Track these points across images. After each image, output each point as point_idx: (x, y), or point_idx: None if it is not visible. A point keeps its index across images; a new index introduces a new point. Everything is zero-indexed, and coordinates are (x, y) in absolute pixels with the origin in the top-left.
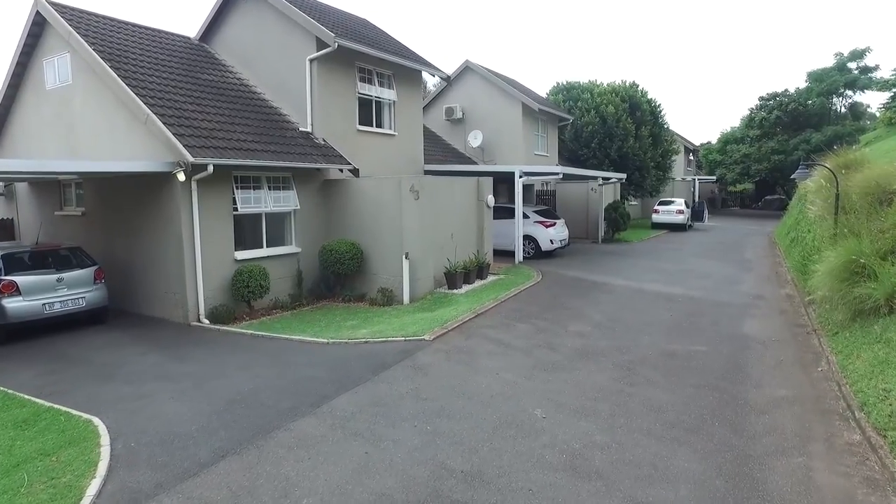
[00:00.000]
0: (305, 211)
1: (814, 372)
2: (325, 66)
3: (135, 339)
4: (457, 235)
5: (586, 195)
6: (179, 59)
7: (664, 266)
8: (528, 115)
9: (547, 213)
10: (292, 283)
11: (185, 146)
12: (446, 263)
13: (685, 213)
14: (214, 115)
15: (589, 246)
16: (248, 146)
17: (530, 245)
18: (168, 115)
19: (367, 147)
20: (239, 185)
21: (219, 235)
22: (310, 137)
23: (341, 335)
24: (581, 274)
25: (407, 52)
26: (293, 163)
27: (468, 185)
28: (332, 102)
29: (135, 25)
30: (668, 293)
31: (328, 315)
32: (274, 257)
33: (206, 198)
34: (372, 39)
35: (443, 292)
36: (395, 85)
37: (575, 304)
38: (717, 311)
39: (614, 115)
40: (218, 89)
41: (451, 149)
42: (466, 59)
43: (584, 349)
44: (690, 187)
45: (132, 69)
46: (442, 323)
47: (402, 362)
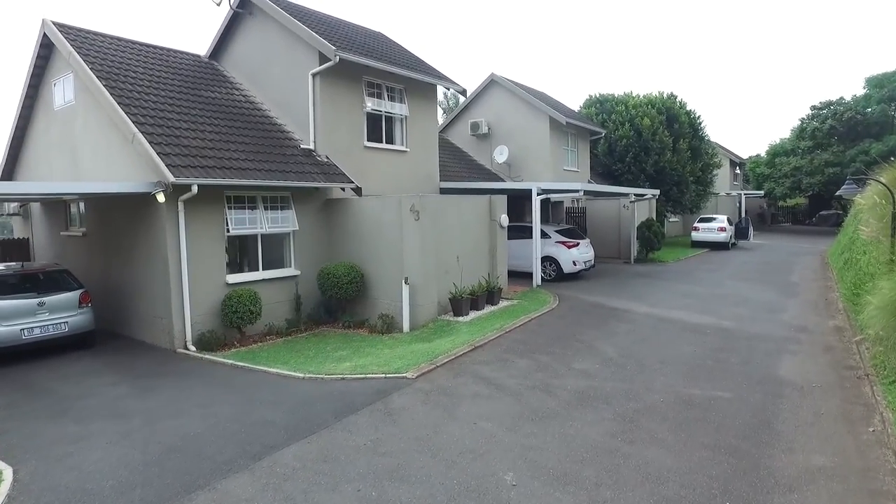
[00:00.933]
0: (305, 232)
1: (863, 433)
2: (328, 80)
3: (111, 368)
4: (464, 258)
5: (618, 212)
6: (183, 77)
7: (697, 290)
8: (555, 129)
9: (570, 232)
10: (290, 308)
11: (169, 166)
12: (452, 288)
13: (727, 230)
14: (210, 133)
15: (619, 267)
16: (240, 165)
17: (551, 267)
18: (157, 134)
19: (376, 164)
20: (233, 206)
21: (209, 258)
22: (312, 155)
23: (322, 369)
24: (602, 299)
25: (420, 66)
26: (288, 182)
27: (479, 203)
28: (337, 118)
29: (141, 44)
30: (696, 323)
31: (321, 343)
32: (270, 281)
33: (195, 219)
34: (381, 53)
35: (446, 320)
36: (406, 99)
37: (587, 336)
38: (749, 347)
39: (650, 127)
40: (219, 107)
41: (476, 165)
42: (492, 73)
43: (585, 393)
44: (736, 202)
45: (128, 88)
46: (432, 357)
47: (373, 405)
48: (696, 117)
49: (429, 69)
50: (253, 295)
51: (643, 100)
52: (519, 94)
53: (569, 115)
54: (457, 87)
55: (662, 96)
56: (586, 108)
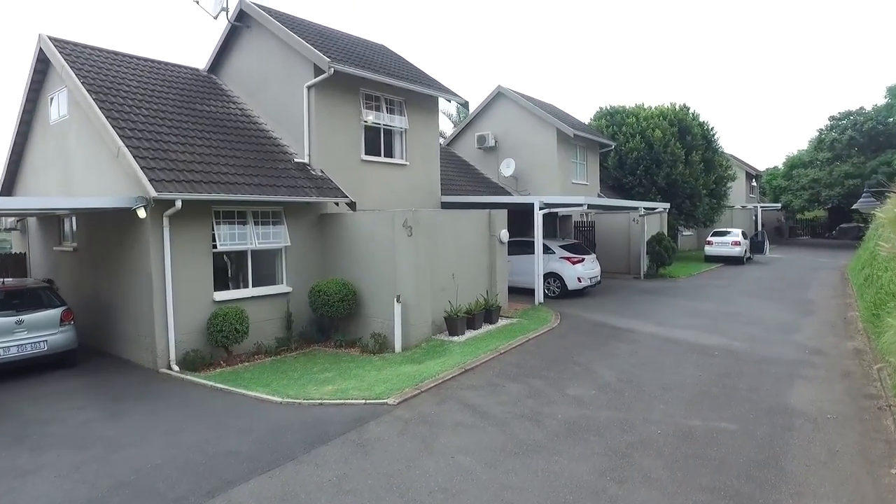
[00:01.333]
0: (298, 247)
1: (884, 475)
2: (323, 92)
3: (87, 390)
4: (461, 275)
5: (627, 226)
6: (179, 90)
7: (707, 308)
8: (563, 141)
9: (575, 247)
10: (281, 326)
11: (152, 180)
12: (447, 307)
13: (742, 244)
14: (200, 147)
15: (628, 283)
16: (229, 179)
17: (555, 283)
18: (143, 148)
19: (374, 178)
20: (221, 221)
21: (195, 274)
22: (306, 169)
23: (303, 392)
24: (606, 317)
25: (420, 78)
26: (278, 196)
27: (477, 218)
28: (333, 131)
29: (138, 59)
30: (703, 344)
31: (309, 364)
32: (260, 298)
33: (181, 234)
34: (380, 65)
35: (440, 340)
36: (406, 112)
37: (586, 358)
38: (759, 371)
39: (661, 139)
40: (214, 121)
41: (482, 178)
42: (498, 85)
43: (577, 423)
44: (752, 216)
45: (119, 102)
46: (419, 381)
47: (346, 434)
48: (709, 129)
49: (429, 81)
50: (240, 313)
51: (654, 111)
52: (526, 106)
53: (577, 126)
54: (458, 99)
55: (674, 108)
56: (596, 121)
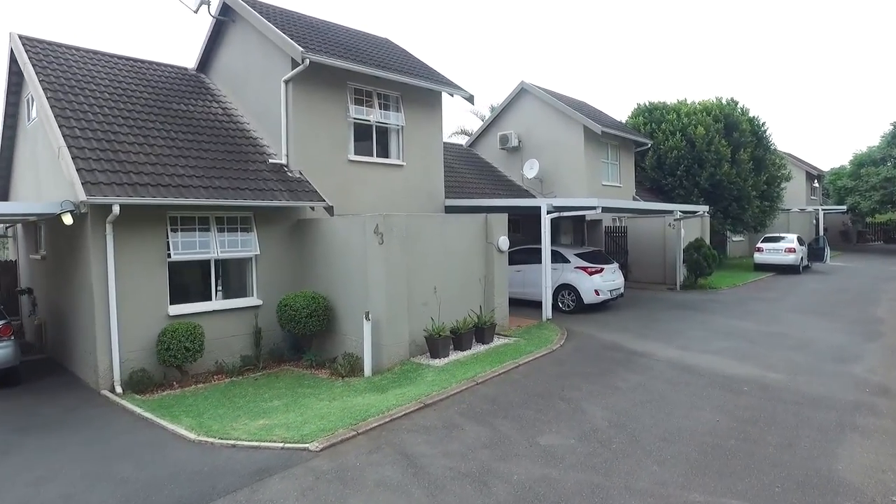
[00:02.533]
0: (271, 257)
1: None
2: (303, 87)
3: (6, 413)
4: (448, 288)
5: (663, 232)
6: (157, 89)
7: (745, 327)
8: (591, 140)
9: (593, 255)
10: (249, 343)
11: (86, 182)
12: (430, 324)
13: (798, 251)
14: (162, 147)
15: (661, 295)
16: (185, 182)
17: (570, 296)
18: (90, 149)
19: (365, 180)
20: (179, 227)
21: (145, 286)
22: (282, 170)
23: (229, 427)
24: (621, 337)
25: (419, 70)
26: (239, 200)
27: (471, 224)
28: (314, 129)
29: (120, 58)
30: (731, 375)
31: (265, 388)
32: (224, 312)
33: (128, 242)
34: (373, 57)
35: (417, 363)
36: (403, 108)
37: (579, 392)
38: (798, 417)
39: (704, 137)
40: (188, 120)
41: (505, 181)
42: (522, 81)
43: (533, 490)
44: (812, 219)
45: (79, 100)
46: (362, 418)
47: (234, 494)
48: (759, 124)
49: (429, 74)
50: (192, 330)
51: (698, 107)
52: (550, 102)
53: (606, 123)
54: (462, 93)
55: (720, 102)
56: (633, 118)
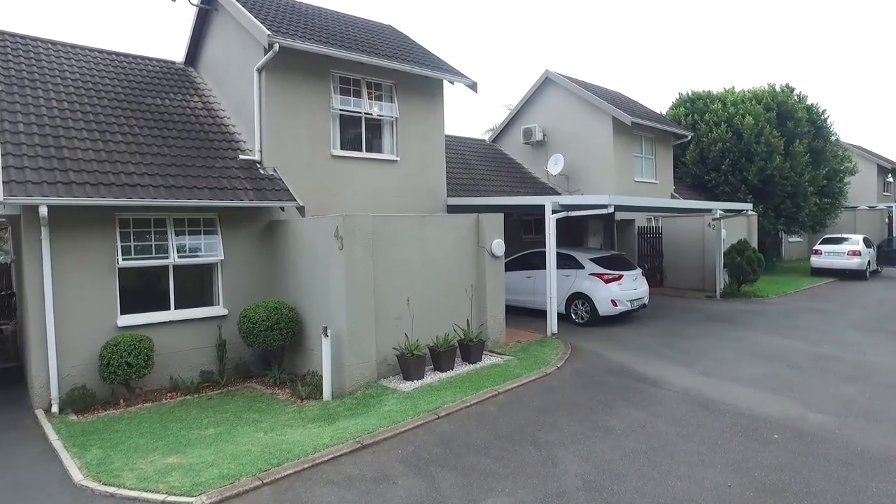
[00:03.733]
0: (238, 262)
1: None
2: (278, 76)
3: None
4: (429, 299)
5: (701, 232)
6: (132, 84)
7: (790, 346)
8: (621, 132)
9: (611, 260)
10: (212, 357)
11: (10, 181)
12: (404, 342)
13: (864, 254)
14: (118, 143)
15: (697, 304)
16: (134, 181)
17: (584, 306)
18: (28, 145)
19: (351, 177)
20: (132, 230)
21: (91, 295)
22: (254, 167)
23: (132, 466)
24: (633, 358)
25: (415, 56)
26: (193, 200)
27: (458, 226)
28: (292, 122)
29: (100, 52)
30: (761, 415)
31: (211, 411)
32: (183, 322)
33: (69, 246)
34: (361, 43)
35: (384, 386)
36: (397, 97)
37: (558, 434)
38: (846, 486)
39: (753, 127)
40: (157, 115)
41: (528, 178)
42: (546, 70)
43: None
44: (884, 218)
45: (33, 95)
46: (277, 463)
47: None
48: (818, 113)
49: (426, 59)
50: (137, 343)
51: (747, 94)
52: (576, 92)
53: (638, 114)
54: (464, 80)
55: (773, 89)
56: (673, 109)
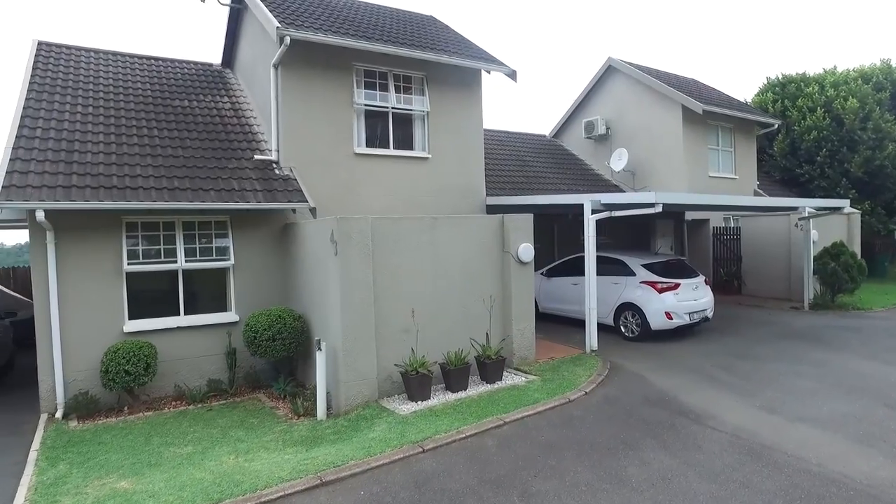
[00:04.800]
0: (252, 266)
1: None
2: (295, 71)
3: None
4: (441, 311)
5: (787, 234)
6: (165, 87)
7: (890, 375)
8: (693, 122)
9: (668, 267)
10: (222, 365)
11: (11, 186)
12: (410, 356)
13: None
14: (133, 146)
15: (779, 315)
16: (138, 184)
17: (634, 319)
18: (39, 150)
19: (376, 176)
20: (140, 234)
21: (97, 300)
22: (269, 168)
23: (80, 488)
24: (681, 384)
25: (448, 45)
26: (196, 203)
27: (478, 228)
28: (311, 119)
29: (140, 58)
30: (836, 475)
31: (203, 424)
32: (191, 329)
33: (75, 250)
34: (388, 32)
35: (382, 407)
36: (428, 90)
37: (556, 484)
38: None
39: (857, 111)
40: (184, 116)
41: (590, 175)
42: (609, 57)
43: None
44: None
45: (65, 100)
46: (218, 499)
47: None
48: None
49: (462, 48)
50: (135, 350)
51: (851, 74)
52: (641, 79)
53: (711, 100)
54: (502, 69)
55: (886, 65)
56: (760, 96)
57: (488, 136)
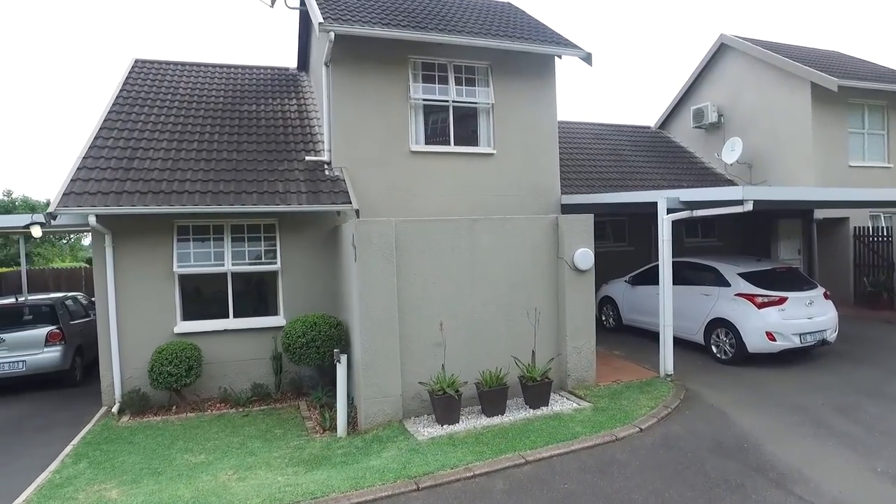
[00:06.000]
0: (300, 270)
1: None
2: (347, 68)
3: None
4: (478, 324)
5: None
6: (237, 93)
7: None
8: (825, 100)
9: (773, 276)
10: (268, 370)
11: (70, 193)
12: (438, 374)
13: None
14: (190, 151)
15: None
16: (183, 188)
17: (728, 338)
18: (106, 158)
19: (434, 175)
20: (191, 237)
21: (149, 300)
22: (320, 169)
23: (69, 496)
24: (771, 427)
25: (517, 31)
26: (236, 206)
27: (526, 231)
28: (363, 117)
29: (220, 67)
30: None
31: (230, 432)
32: (241, 332)
33: (130, 253)
34: (449, 20)
35: (402, 429)
36: (492, 80)
37: None
38: None
39: None
40: (247, 120)
41: (698, 168)
42: (721, 34)
43: None
44: None
45: (144, 111)
46: None
47: None
48: None
49: (532, 32)
50: (178, 351)
51: None
52: (762, 56)
53: (851, 74)
54: (576, 52)
55: None
56: None
57: (581, 129)
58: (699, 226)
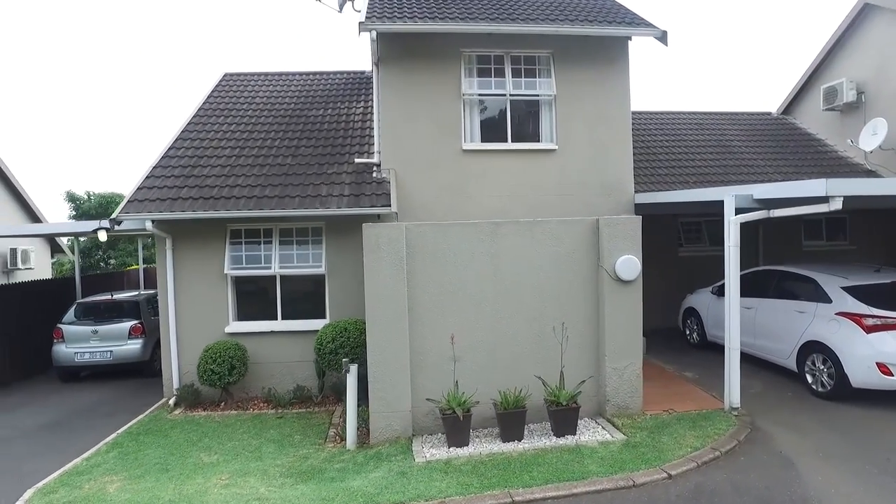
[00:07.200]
0: (346, 273)
1: None
2: (394, 66)
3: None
4: (504, 338)
5: None
6: (308, 98)
7: None
8: None
9: (890, 292)
10: (312, 372)
11: (133, 200)
12: (450, 391)
13: None
14: (248, 157)
15: None
16: (231, 193)
17: (826, 366)
18: (173, 166)
19: (489, 174)
20: (243, 241)
21: (203, 300)
22: (368, 171)
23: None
24: (847, 488)
25: (581, 12)
26: (277, 210)
27: (560, 235)
28: (412, 116)
29: (299, 74)
30: None
31: (254, 434)
32: (288, 334)
33: (187, 256)
34: (503, 7)
35: (406, 448)
36: (554, 70)
37: None
38: None
39: None
40: (311, 125)
41: (829, 158)
42: None
43: None
44: None
45: (220, 120)
46: None
47: None
48: None
49: (599, 14)
50: (224, 352)
51: None
52: None
53: None
54: (650, 31)
55: None
56: None
57: (678, 119)
58: (823, 226)
